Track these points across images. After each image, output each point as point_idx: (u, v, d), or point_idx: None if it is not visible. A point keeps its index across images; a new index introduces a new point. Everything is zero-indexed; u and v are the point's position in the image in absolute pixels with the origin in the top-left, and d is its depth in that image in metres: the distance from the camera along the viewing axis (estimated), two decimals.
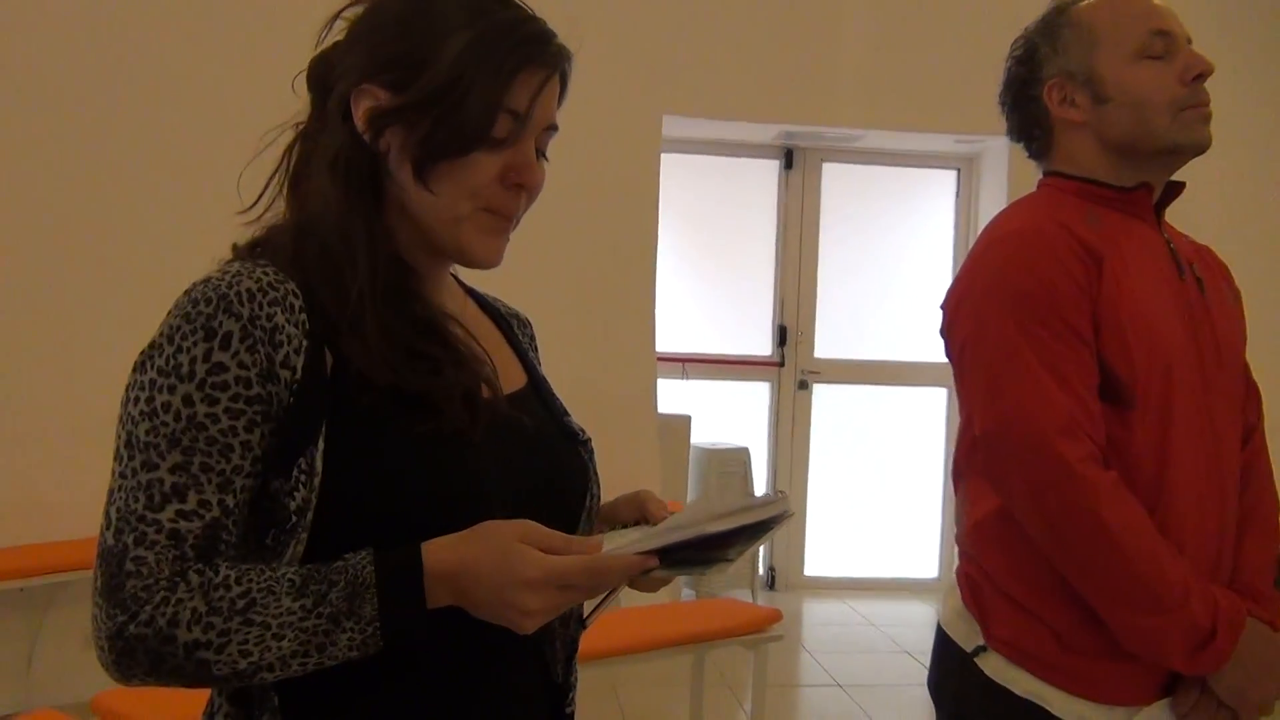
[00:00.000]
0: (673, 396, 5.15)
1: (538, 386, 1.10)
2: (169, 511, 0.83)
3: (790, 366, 5.57)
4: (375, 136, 0.94)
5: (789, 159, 5.55)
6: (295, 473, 0.86)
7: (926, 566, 5.66)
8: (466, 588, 0.85)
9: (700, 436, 5.19)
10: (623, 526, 1.04)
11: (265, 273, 0.89)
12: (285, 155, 0.99)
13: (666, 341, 5.06)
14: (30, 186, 3.82)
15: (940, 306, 1.49)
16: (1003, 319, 1.36)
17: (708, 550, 0.88)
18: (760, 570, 5.42)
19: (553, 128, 0.99)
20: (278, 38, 2.44)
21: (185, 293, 0.88)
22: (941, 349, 1.48)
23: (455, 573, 0.85)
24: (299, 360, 0.87)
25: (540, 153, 0.99)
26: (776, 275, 5.57)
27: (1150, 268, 1.43)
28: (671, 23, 4.77)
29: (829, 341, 5.57)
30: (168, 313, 0.88)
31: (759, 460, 5.49)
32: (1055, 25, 1.48)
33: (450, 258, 1.00)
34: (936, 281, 5.51)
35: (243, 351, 0.85)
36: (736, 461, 5.20)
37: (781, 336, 5.55)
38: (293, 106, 1.00)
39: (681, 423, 5.02)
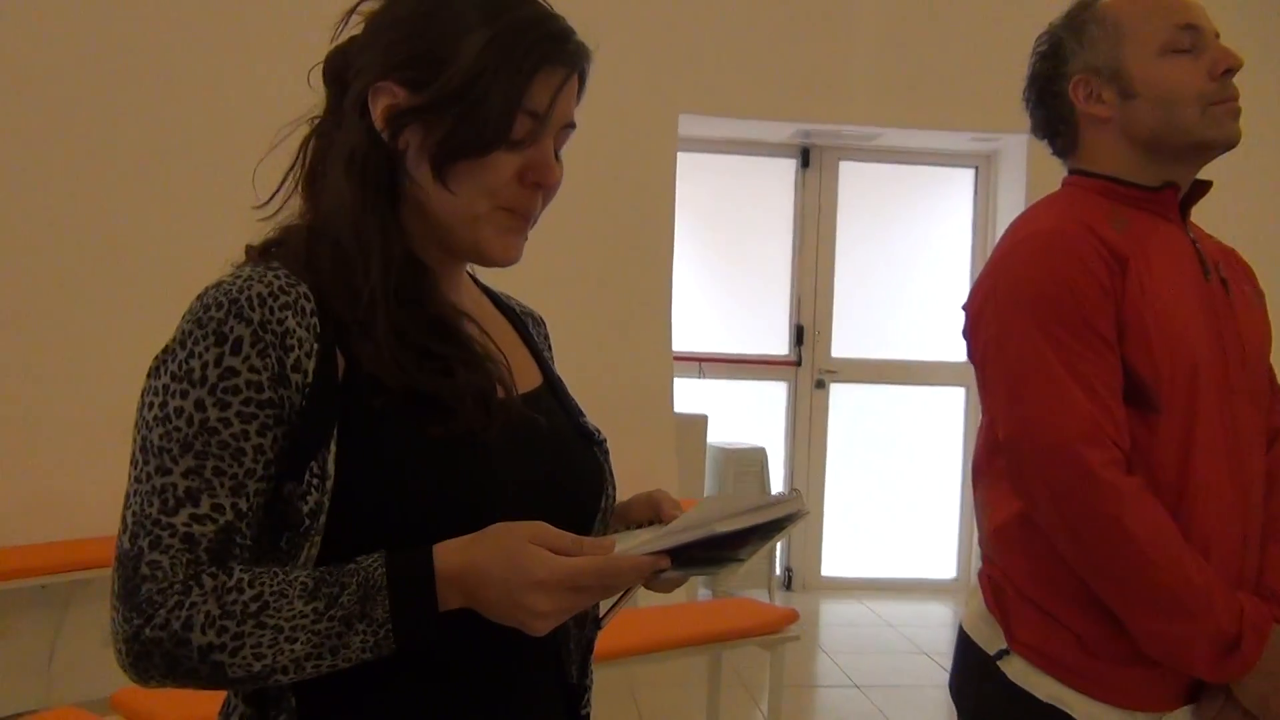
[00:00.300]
0: (689, 396, 5.14)
1: (553, 386, 1.09)
2: (183, 516, 0.83)
3: (807, 366, 5.55)
4: (393, 135, 0.94)
5: (805, 158, 5.53)
6: (308, 476, 0.86)
7: (944, 567, 5.63)
8: (478, 589, 0.85)
9: (717, 436, 5.19)
10: (636, 526, 1.03)
11: (277, 276, 0.88)
12: (301, 150, 0.99)
13: (683, 341, 5.05)
14: (44, 185, 3.84)
15: (962, 308, 1.48)
16: (1026, 322, 1.35)
17: (719, 550, 0.88)
18: (777, 571, 5.41)
19: (571, 126, 0.98)
20: (292, 31, 2.44)
21: (198, 297, 0.88)
22: (960, 348, 1.47)
23: (466, 574, 0.85)
24: (310, 364, 0.87)
25: (556, 151, 0.98)
26: (793, 274, 5.56)
27: (1175, 269, 1.41)
28: (687, 21, 4.76)
29: (846, 341, 5.55)
30: (182, 317, 0.88)
31: (776, 460, 5.47)
32: (1081, 20, 1.47)
33: (468, 257, 0.99)
34: (954, 280, 5.48)
35: (254, 356, 0.85)
36: (753, 461, 5.19)
37: (798, 336, 5.53)
38: (307, 101, 1.00)
39: (698, 422, 5.01)
